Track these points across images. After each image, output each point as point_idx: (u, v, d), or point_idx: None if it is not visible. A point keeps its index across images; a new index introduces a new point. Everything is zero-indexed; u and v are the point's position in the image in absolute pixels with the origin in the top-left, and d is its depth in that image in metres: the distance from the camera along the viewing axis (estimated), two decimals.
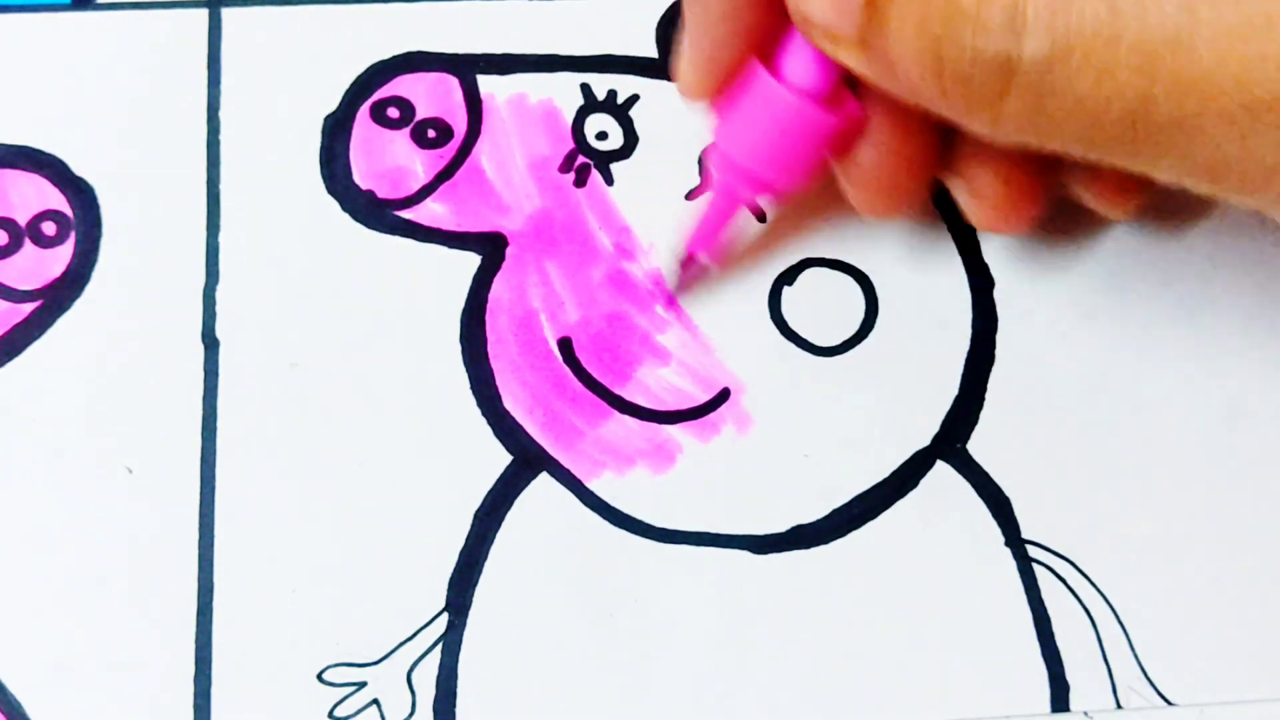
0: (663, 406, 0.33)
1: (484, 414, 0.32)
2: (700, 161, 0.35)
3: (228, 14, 0.36)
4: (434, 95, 0.35)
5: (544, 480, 0.32)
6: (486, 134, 0.35)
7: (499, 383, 0.33)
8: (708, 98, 0.31)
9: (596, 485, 0.32)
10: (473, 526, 0.32)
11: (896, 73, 0.26)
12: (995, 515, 0.32)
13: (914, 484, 0.32)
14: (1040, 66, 0.23)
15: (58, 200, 0.34)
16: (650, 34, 0.36)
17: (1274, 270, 0.34)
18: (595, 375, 0.33)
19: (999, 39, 0.23)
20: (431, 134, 0.35)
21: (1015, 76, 0.24)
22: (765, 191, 0.31)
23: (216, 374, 0.33)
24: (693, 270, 0.33)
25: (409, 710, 0.30)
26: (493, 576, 0.31)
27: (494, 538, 0.31)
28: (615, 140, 0.35)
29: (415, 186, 0.34)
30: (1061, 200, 0.33)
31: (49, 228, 0.34)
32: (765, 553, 0.32)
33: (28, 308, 0.33)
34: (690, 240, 0.33)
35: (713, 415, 0.33)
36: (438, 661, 0.31)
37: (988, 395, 0.33)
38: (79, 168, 0.34)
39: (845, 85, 0.29)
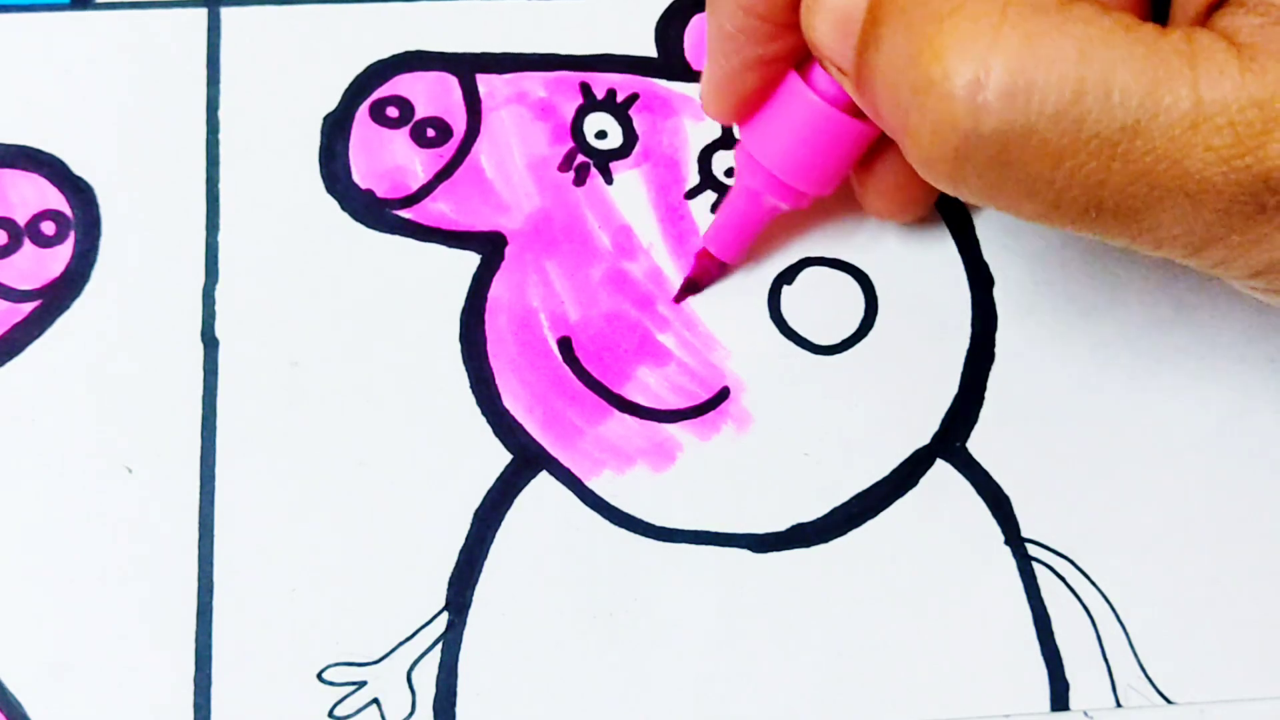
0: (663, 405, 0.33)
1: (484, 413, 0.32)
2: (699, 161, 0.35)
3: (227, 14, 0.36)
4: (433, 94, 0.35)
5: (544, 479, 0.32)
6: (486, 133, 0.35)
7: (499, 382, 0.33)
8: (733, 120, 0.31)
9: (596, 484, 0.32)
10: (472, 525, 0.32)
11: (881, 116, 0.26)
12: (995, 514, 0.32)
13: (914, 483, 0.32)
14: (998, 146, 0.24)
15: (57, 200, 0.34)
16: (650, 33, 0.36)
17: None
18: (595, 374, 0.33)
19: (959, 113, 0.24)
20: (431, 133, 0.35)
21: (973, 154, 0.24)
22: (789, 197, 0.31)
23: (216, 373, 0.33)
24: (703, 266, 0.33)
25: (409, 710, 0.30)
26: (492, 575, 0.31)
27: (494, 537, 0.32)
28: (615, 139, 0.35)
29: (415, 186, 0.34)
30: None
31: (48, 227, 0.34)
32: (765, 551, 0.32)
33: (27, 307, 0.33)
34: (706, 236, 0.33)
35: (713, 414, 0.33)
36: (438, 661, 0.31)
37: (987, 394, 0.33)
38: (78, 167, 0.34)
39: None
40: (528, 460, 0.32)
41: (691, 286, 0.34)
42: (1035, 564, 0.32)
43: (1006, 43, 0.23)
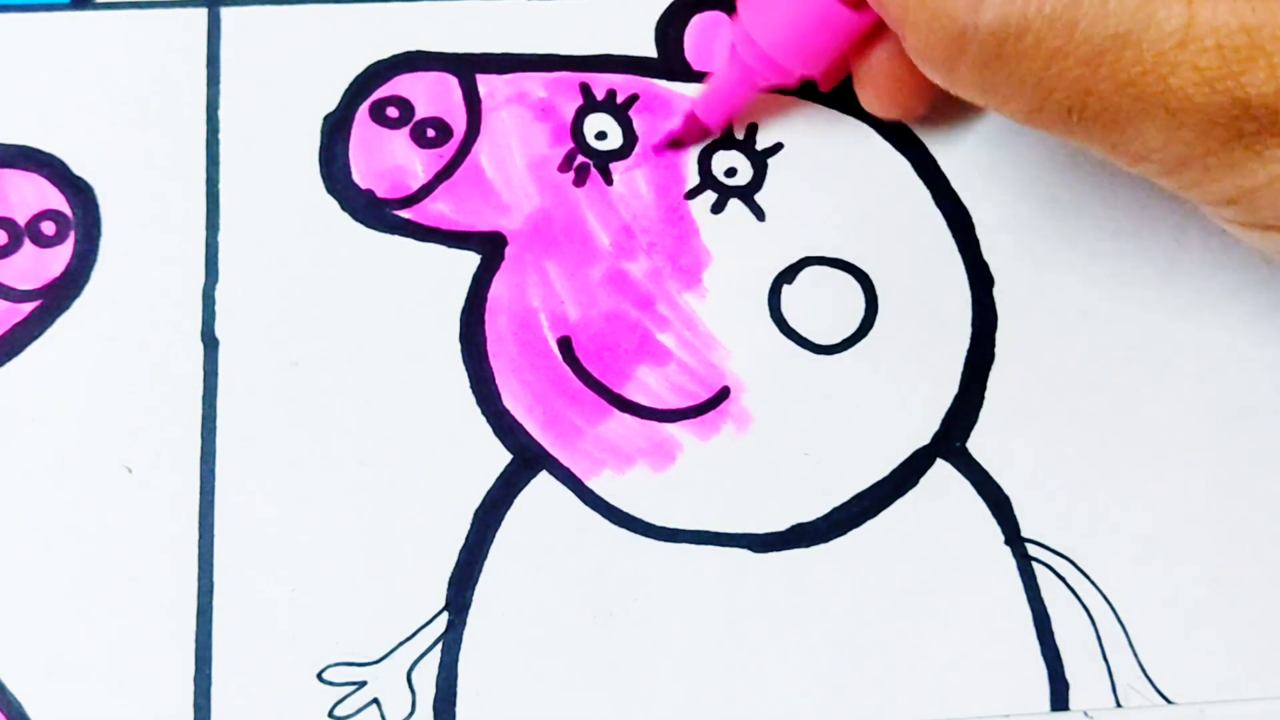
0: (662, 405, 0.33)
1: (484, 413, 0.32)
2: (699, 161, 0.35)
3: (227, 13, 0.36)
4: (433, 95, 0.35)
5: (544, 479, 0.32)
6: (486, 133, 0.35)
7: (499, 382, 0.33)
8: None
9: (596, 484, 0.32)
10: (473, 525, 0.32)
11: (885, 8, 0.28)
12: (995, 514, 0.32)
13: (914, 482, 0.32)
14: (993, 40, 0.25)
15: (57, 200, 0.34)
16: (650, 34, 0.36)
17: (1274, 270, 0.34)
18: (595, 374, 0.33)
19: (959, 5, 0.25)
20: (431, 133, 0.35)
21: (969, 46, 0.25)
22: (779, 76, 0.33)
23: (216, 373, 0.33)
24: (691, 128, 0.34)
25: (409, 709, 0.30)
26: (493, 575, 0.31)
27: (494, 537, 0.32)
28: (614, 140, 0.35)
29: (415, 186, 0.34)
30: (1062, 199, 0.34)
31: (48, 227, 0.34)
32: (765, 551, 0.32)
33: (27, 307, 0.33)
34: (696, 102, 0.34)
35: (713, 414, 0.33)
36: (438, 661, 0.31)
37: (987, 394, 0.33)
38: (78, 167, 0.34)
39: None
40: (528, 460, 0.32)
41: (675, 143, 0.35)
42: (1035, 564, 0.32)
43: None
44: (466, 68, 0.35)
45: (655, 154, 0.35)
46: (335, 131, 0.35)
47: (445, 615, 0.31)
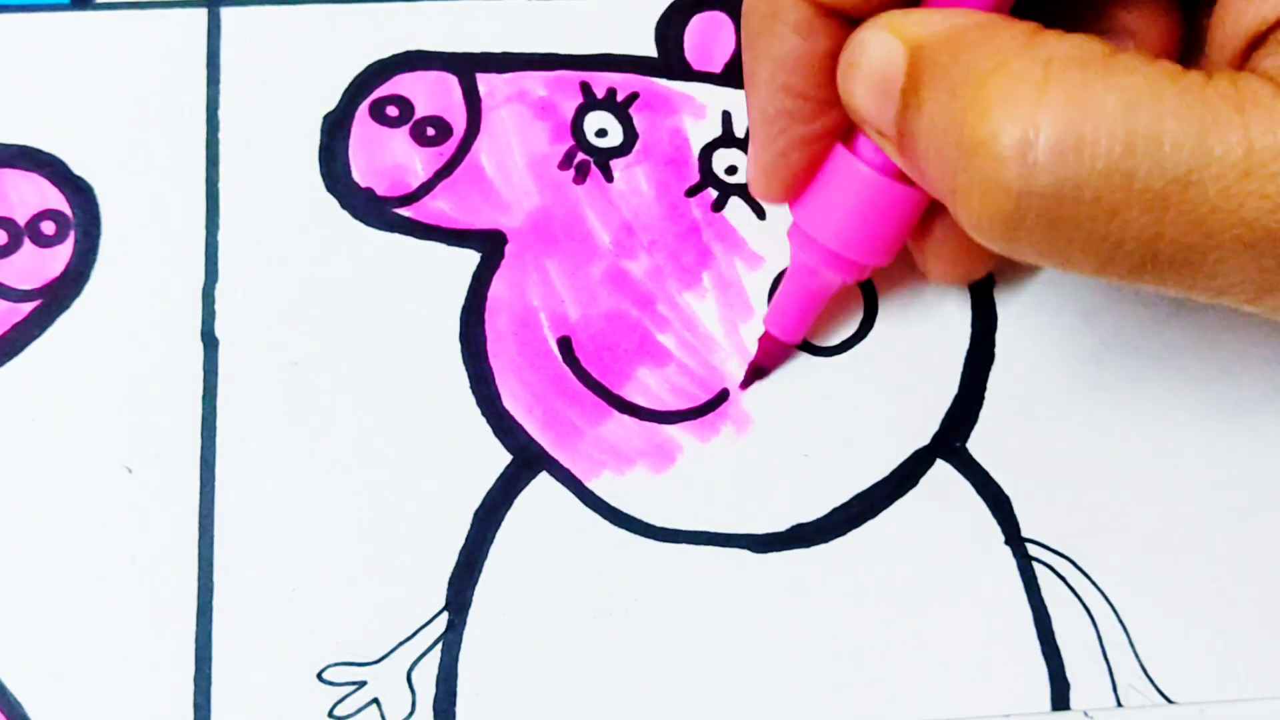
0: (662, 406, 0.33)
1: (483, 413, 0.32)
2: (700, 159, 0.35)
3: (227, 13, 0.36)
4: (433, 93, 0.35)
5: (544, 480, 0.32)
6: (486, 131, 0.35)
7: (498, 382, 0.33)
8: (784, 200, 0.31)
9: (596, 485, 0.32)
10: (472, 526, 0.32)
11: (927, 180, 0.26)
12: (995, 514, 0.32)
13: (914, 483, 0.32)
14: (1052, 204, 0.24)
15: (57, 200, 0.34)
16: (650, 33, 0.36)
17: None
18: (595, 375, 0.33)
19: (1010, 174, 0.23)
20: (431, 132, 0.35)
21: (1026, 215, 0.24)
22: (848, 270, 0.31)
23: (216, 373, 0.33)
24: (767, 350, 0.33)
25: (409, 710, 0.30)
26: (492, 576, 0.31)
27: (494, 537, 0.32)
28: (615, 138, 0.35)
29: (415, 184, 0.34)
30: None
31: (48, 227, 0.34)
32: (765, 552, 0.32)
33: (27, 307, 0.33)
34: (768, 318, 0.33)
35: (712, 415, 0.33)
36: (438, 661, 0.31)
37: (987, 394, 0.33)
38: (78, 167, 0.34)
39: None
40: (528, 461, 0.32)
41: (757, 372, 0.33)
42: (1035, 564, 0.32)
43: (1053, 98, 0.23)
44: (466, 67, 0.35)
45: (742, 389, 0.33)
46: (335, 130, 0.35)
47: (445, 615, 0.31)
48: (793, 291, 0.32)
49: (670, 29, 0.36)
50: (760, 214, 0.34)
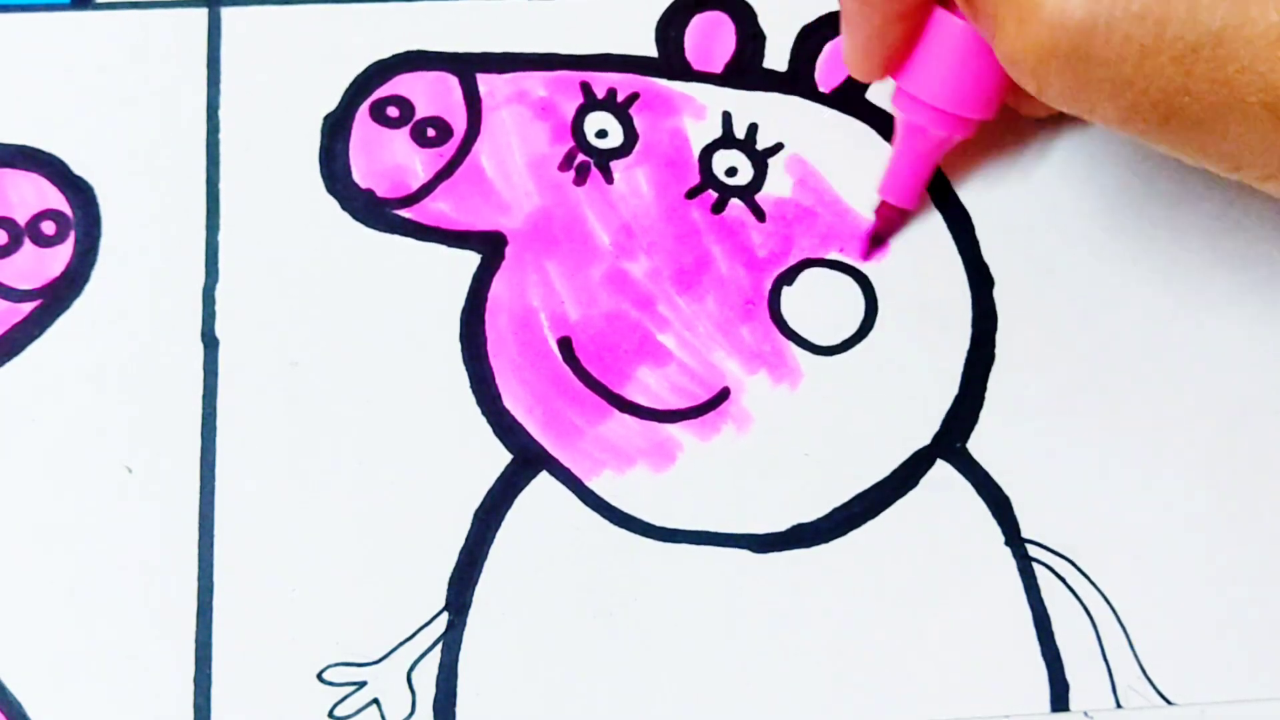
0: (663, 405, 0.33)
1: (484, 413, 0.32)
2: (700, 160, 0.35)
3: (227, 14, 0.36)
4: (433, 94, 0.35)
5: (544, 479, 0.32)
6: (486, 133, 0.35)
7: (499, 382, 0.33)
8: (886, 75, 0.32)
9: (596, 484, 0.32)
10: (473, 526, 0.32)
11: (976, 15, 0.28)
12: (995, 514, 0.32)
13: (914, 483, 0.32)
14: (1082, 39, 0.24)
15: (57, 200, 0.34)
16: (650, 33, 0.36)
17: (1274, 270, 0.34)
18: (595, 374, 0.33)
19: (1046, 5, 0.24)
20: (431, 133, 0.35)
21: (1058, 47, 0.25)
22: (956, 126, 0.32)
23: (216, 373, 0.33)
24: (885, 217, 0.34)
25: (409, 710, 0.30)
26: (493, 576, 0.31)
27: (494, 537, 0.32)
28: (615, 138, 0.35)
29: (415, 185, 0.34)
30: (1062, 199, 0.34)
31: (48, 227, 0.34)
32: (766, 552, 0.32)
33: (27, 307, 0.33)
34: (882, 187, 0.34)
35: (713, 414, 0.33)
36: (438, 661, 0.31)
37: (988, 395, 0.33)
38: (78, 167, 0.34)
39: None
40: (528, 460, 0.32)
41: (877, 239, 0.34)
42: (1035, 564, 0.32)
43: None
44: (467, 67, 0.35)
45: (864, 258, 0.34)
46: (335, 131, 0.35)
47: (445, 615, 0.31)
48: (904, 155, 0.33)
49: (671, 29, 0.36)
50: (760, 216, 0.34)
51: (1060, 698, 0.31)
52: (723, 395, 0.33)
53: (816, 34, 0.36)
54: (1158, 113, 0.25)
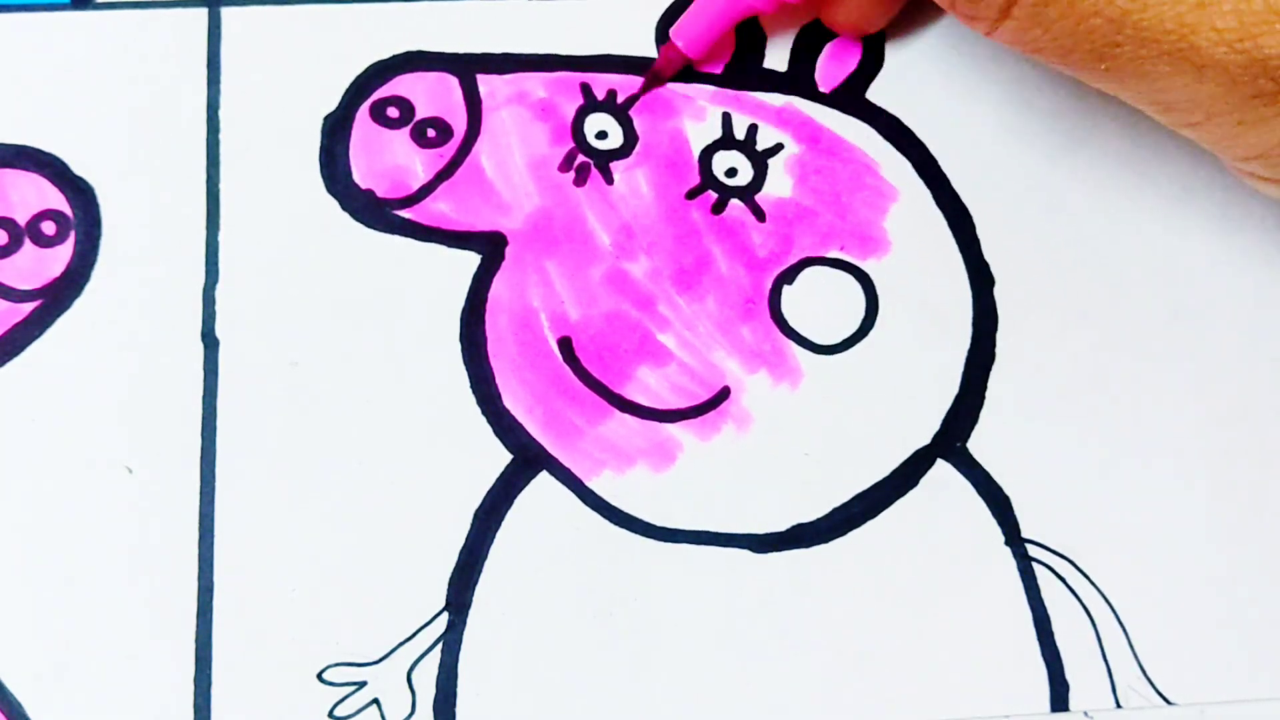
0: (663, 405, 0.33)
1: (484, 413, 0.32)
2: (700, 161, 0.35)
3: (227, 13, 0.36)
4: (434, 95, 0.35)
5: (544, 479, 0.32)
6: (486, 133, 0.35)
7: (499, 382, 0.33)
8: None
9: (596, 484, 0.32)
10: (473, 525, 0.32)
11: None
12: (995, 514, 0.32)
13: (914, 483, 0.32)
14: (1034, 6, 0.28)
15: (57, 200, 0.34)
16: (650, 34, 0.36)
17: (1274, 270, 0.34)
18: (595, 374, 0.33)
19: None
20: (431, 133, 0.35)
21: (1014, 9, 0.28)
22: None
23: (216, 373, 0.33)
24: (671, 58, 0.35)
25: (409, 710, 0.30)
26: (493, 576, 0.31)
27: (494, 537, 0.32)
28: (615, 139, 0.35)
29: (415, 186, 0.34)
30: (1062, 199, 0.34)
31: (49, 227, 0.34)
32: (766, 552, 0.32)
33: (27, 307, 0.33)
34: (675, 29, 0.35)
35: (713, 414, 0.33)
36: (438, 661, 0.31)
37: (988, 394, 0.33)
38: (79, 167, 0.34)
39: None
40: (528, 460, 0.32)
41: (654, 78, 0.35)
42: (1035, 565, 0.32)
43: None
44: (467, 68, 0.35)
45: (641, 93, 0.35)
46: (335, 131, 0.35)
47: (445, 615, 0.31)
48: (705, 8, 0.34)
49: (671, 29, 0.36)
50: (760, 216, 0.34)
51: (1060, 698, 0.31)
52: (723, 395, 0.33)
53: (816, 34, 0.36)
54: (1093, 59, 0.28)
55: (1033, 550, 0.32)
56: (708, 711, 0.30)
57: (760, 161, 0.35)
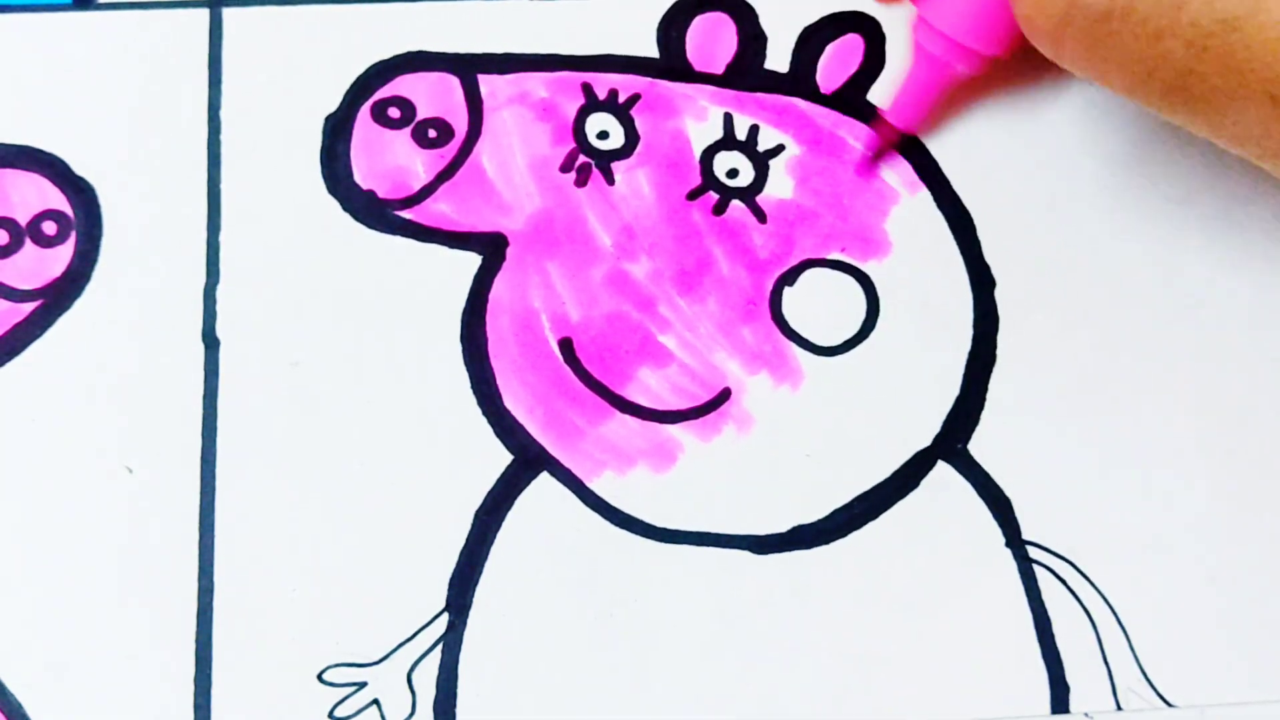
0: (663, 406, 0.33)
1: (485, 414, 0.32)
2: (701, 161, 0.35)
3: (228, 14, 0.36)
4: (435, 95, 0.35)
5: (545, 480, 0.32)
6: (487, 134, 0.35)
7: (500, 382, 0.33)
8: None
9: (597, 485, 0.32)
10: (473, 526, 0.32)
11: None
12: (996, 516, 0.32)
13: (915, 484, 0.32)
14: (1099, 17, 0.26)
15: (58, 200, 0.34)
16: (652, 34, 0.36)
17: (1274, 270, 0.34)
18: (596, 375, 0.33)
19: None
20: (432, 134, 0.35)
21: (1074, 20, 0.26)
22: (968, 62, 0.33)
23: (217, 373, 0.33)
24: (887, 134, 0.35)
25: (409, 710, 0.30)
26: (493, 576, 0.31)
27: (494, 537, 0.32)
28: (616, 140, 0.35)
29: (416, 186, 0.34)
30: (1062, 200, 0.34)
31: (49, 227, 0.34)
32: (766, 553, 0.32)
33: (28, 307, 0.33)
34: (891, 109, 0.34)
35: (714, 415, 0.33)
36: (438, 661, 0.31)
37: (989, 395, 0.33)
38: (79, 167, 0.34)
39: None
40: (529, 461, 0.32)
41: (876, 155, 0.35)
42: (1036, 566, 0.32)
43: None
44: (468, 68, 0.35)
45: (860, 175, 0.35)
46: (336, 132, 0.35)
47: (446, 616, 0.31)
48: (915, 80, 0.34)
49: (672, 30, 0.36)
50: (761, 217, 0.34)
51: (1060, 699, 0.31)
52: (724, 396, 0.33)
53: (818, 35, 0.36)
54: (1166, 89, 0.26)
55: (1033, 552, 0.32)
56: (708, 712, 0.30)
57: (762, 162, 0.35)
